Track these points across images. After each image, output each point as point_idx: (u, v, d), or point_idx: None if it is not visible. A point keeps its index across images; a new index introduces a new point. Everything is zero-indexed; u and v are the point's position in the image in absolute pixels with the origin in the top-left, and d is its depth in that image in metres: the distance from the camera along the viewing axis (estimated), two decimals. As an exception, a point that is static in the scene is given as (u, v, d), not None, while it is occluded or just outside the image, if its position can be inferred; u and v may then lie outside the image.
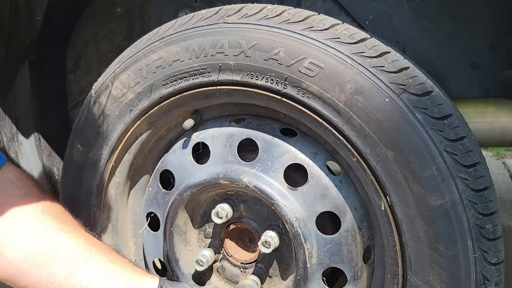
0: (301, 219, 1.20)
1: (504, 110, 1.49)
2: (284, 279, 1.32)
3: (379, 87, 1.05)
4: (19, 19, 1.55)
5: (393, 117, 1.05)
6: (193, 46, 1.22)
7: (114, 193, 1.45)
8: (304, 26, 1.13)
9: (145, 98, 1.31)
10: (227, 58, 1.18)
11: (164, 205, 1.39)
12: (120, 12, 1.68)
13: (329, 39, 1.10)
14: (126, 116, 1.34)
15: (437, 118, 1.04)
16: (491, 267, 1.05)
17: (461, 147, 1.04)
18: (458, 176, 1.03)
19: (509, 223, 2.73)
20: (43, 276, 1.17)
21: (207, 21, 1.22)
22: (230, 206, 1.31)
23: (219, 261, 1.40)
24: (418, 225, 1.05)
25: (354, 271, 1.21)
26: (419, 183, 1.04)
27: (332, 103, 1.09)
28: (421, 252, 1.06)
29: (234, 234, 1.36)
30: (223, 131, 1.30)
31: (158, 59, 1.27)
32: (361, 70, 1.07)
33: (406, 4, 1.41)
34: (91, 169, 1.41)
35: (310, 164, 1.22)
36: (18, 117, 1.64)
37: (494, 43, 1.39)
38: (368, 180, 1.12)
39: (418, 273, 1.08)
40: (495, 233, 1.05)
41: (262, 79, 1.16)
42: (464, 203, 1.02)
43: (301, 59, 1.10)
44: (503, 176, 3.52)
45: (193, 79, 1.24)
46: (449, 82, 1.43)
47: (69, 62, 1.78)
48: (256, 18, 1.17)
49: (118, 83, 1.33)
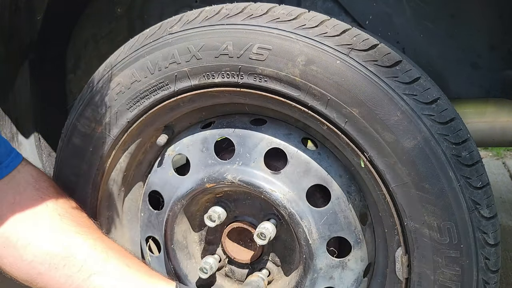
0: (291, 199, 1.22)
1: (504, 110, 1.50)
2: (292, 264, 1.33)
3: (327, 52, 1.10)
4: (19, 19, 1.55)
5: (348, 76, 1.08)
6: (146, 64, 1.25)
7: (109, 227, 1.46)
8: (243, 17, 1.17)
9: (113, 126, 1.33)
10: (180, 66, 1.22)
11: (160, 226, 1.40)
12: (120, 12, 1.69)
13: (270, 21, 1.14)
14: (100, 149, 1.36)
15: (388, 66, 1.09)
16: (478, 191, 1.08)
17: (418, 87, 1.08)
18: (423, 114, 1.06)
19: (509, 223, 2.73)
20: (61, 278, 1.19)
21: (153, 37, 1.26)
22: (222, 208, 1.33)
23: (226, 266, 1.41)
24: (400, 170, 1.09)
25: (355, 235, 1.23)
26: (390, 131, 1.07)
27: (289, 79, 1.13)
28: (410, 196, 1.09)
29: (234, 236, 1.37)
30: (197, 137, 1.33)
31: (116, 85, 1.30)
32: (306, 41, 1.11)
33: (406, 4, 1.43)
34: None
35: (286, 146, 1.25)
36: (18, 117, 1.64)
37: (494, 43, 1.41)
38: (343, 143, 1.15)
39: (413, 217, 1.11)
40: (473, 159, 1.08)
41: (218, 76, 1.19)
42: (435, 137, 1.06)
43: (249, 46, 1.14)
44: (503, 176, 3.52)
45: (154, 95, 1.27)
46: (449, 82, 1.45)
47: (69, 62, 1.78)
48: (198, 21, 1.21)
49: (84, 119, 1.35)
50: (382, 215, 1.20)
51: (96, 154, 1.36)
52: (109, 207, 1.45)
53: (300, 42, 1.11)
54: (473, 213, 1.07)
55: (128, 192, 1.48)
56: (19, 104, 1.65)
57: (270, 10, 1.17)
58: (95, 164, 1.37)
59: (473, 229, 1.07)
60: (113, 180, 1.42)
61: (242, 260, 1.36)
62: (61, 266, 1.20)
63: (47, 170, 1.74)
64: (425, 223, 1.10)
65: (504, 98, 1.47)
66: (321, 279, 1.25)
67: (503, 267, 1.68)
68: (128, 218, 1.50)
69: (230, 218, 1.35)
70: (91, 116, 1.34)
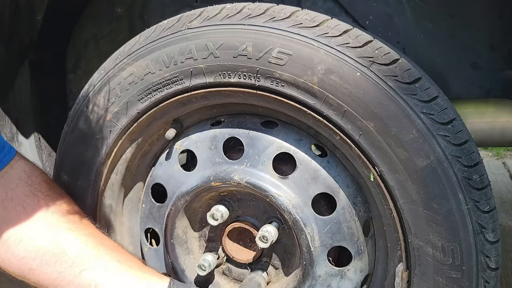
0: (297, 205, 1.22)
1: (504, 110, 1.50)
2: (291, 268, 1.33)
3: (348, 63, 1.09)
4: (19, 19, 1.55)
5: (367, 89, 1.08)
6: (161, 57, 1.23)
7: (108, 216, 1.45)
8: (266, 18, 1.15)
9: (123, 116, 1.31)
10: (197, 62, 1.20)
11: (161, 219, 1.39)
12: (120, 12, 1.68)
13: (292, 26, 1.13)
14: (107, 138, 1.34)
15: (408, 83, 1.08)
16: (485, 215, 1.08)
17: (436, 106, 1.08)
18: (438, 134, 1.06)
19: (509, 223, 2.72)
20: (53, 273, 1.20)
21: (171, 30, 1.24)
22: (225, 207, 1.32)
23: (224, 264, 1.41)
24: (410, 188, 1.09)
25: (357, 246, 1.24)
26: (403, 148, 1.07)
27: (307, 86, 1.12)
28: (417, 214, 1.10)
29: (234, 235, 1.36)
30: (206, 134, 1.31)
31: (129, 75, 1.28)
32: (328, 50, 1.10)
33: (406, 4, 1.43)
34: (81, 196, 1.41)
35: (296, 151, 1.24)
36: (18, 117, 1.64)
37: (494, 43, 1.41)
38: (354, 154, 1.14)
39: (418, 234, 1.11)
40: (483, 182, 1.09)
41: (235, 76, 1.18)
42: (448, 158, 1.06)
43: (269, 50, 1.13)
44: (503, 176, 3.51)
45: (167, 89, 1.25)
46: (449, 82, 1.45)
47: (69, 62, 1.78)
48: (218, 19, 1.19)
49: (93, 106, 1.33)
50: (386, 229, 1.20)
51: (102, 142, 1.35)
52: (110, 196, 1.44)
53: (321, 50, 1.10)
54: (478, 237, 1.08)
55: (130, 182, 1.46)
56: (19, 104, 1.65)
57: (293, 14, 1.15)
58: (100, 152, 1.36)
59: (476, 252, 1.08)
60: (117, 169, 1.41)
61: (241, 260, 1.36)
62: (52, 262, 1.20)
63: (47, 170, 1.74)
64: (429, 242, 1.10)
65: (504, 98, 1.47)
66: (319, 286, 1.26)
67: (503, 267, 1.69)
68: (128, 208, 1.49)
69: (232, 217, 1.35)
70: (100, 103, 1.32)
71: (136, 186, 1.48)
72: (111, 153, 1.36)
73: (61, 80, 1.80)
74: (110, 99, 1.31)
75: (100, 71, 1.35)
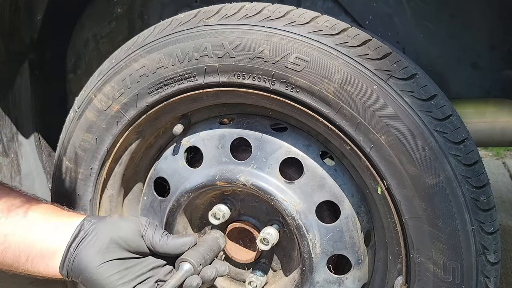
0: (301, 211, 1.22)
1: (504, 110, 1.50)
2: (289, 272, 1.34)
3: (366, 75, 1.08)
4: (19, 19, 1.54)
5: (382, 102, 1.07)
6: (175, 51, 1.21)
7: (108, 206, 1.44)
8: (285, 22, 1.13)
9: (131, 108, 1.30)
10: (212, 60, 1.18)
11: (161, 213, 1.39)
12: (120, 12, 1.68)
13: (312, 32, 1.11)
14: (113, 128, 1.33)
15: (424, 99, 1.07)
16: (489, 236, 1.09)
17: (450, 125, 1.08)
18: (450, 153, 1.06)
19: (509, 223, 2.73)
20: None
21: (187, 25, 1.22)
22: (227, 206, 1.32)
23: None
24: (417, 204, 1.09)
25: (357, 256, 1.24)
26: (414, 164, 1.07)
27: (322, 95, 1.11)
28: (422, 230, 1.10)
29: (234, 235, 1.36)
30: (214, 133, 1.30)
31: (141, 67, 1.26)
32: (346, 60, 1.09)
33: (406, 4, 1.42)
34: (82, 184, 1.40)
35: (304, 157, 1.24)
36: (18, 117, 1.63)
37: (494, 43, 1.41)
38: (363, 166, 1.14)
39: (420, 250, 1.12)
40: (489, 204, 1.09)
41: (249, 78, 1.16)
42: (458, 178, 1.06)
43: (287, 54, 1.11)
44: (503, 176, 3.52)
45: (179, 85, 1.24)
46: (449, 82, 1.44)
47: (69, 62, 1.77)
48: (237, 18, 1.17)
49: (101, 95, 1.31)
50: (388, 241, 1.21)
51: (108, 132, 1.33)
52: (112, 185, 1.43)
53: (340, 60, 1.09)
54: (480, 257, 1.08)
55: (133, 174, 1.45)
56: (19, 104, 1.64)
57: (313, 20, 1.14)
58: (105, 141, 1.34)
59: (477, 272, 1.09)
60: (121, 159, 1.39)
61: (240, 260, 1.36)
62: None
63: (47, 170, 1.73)
64: (431, 258, 1.11)
65: (504, 98, 1.47)
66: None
67: (503, 267, 1.70)
68: (129, 198, 1.48)
69: (233, 216, 1.35)
70: (109, 93, 1.30)
71: (139, 178, 1.47)
72: (117, 144, 1.35)
73: (61, 80, 1.80)
74: (120, 90, 1.29)
75: (111, 59, 1.32)
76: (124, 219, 1.18)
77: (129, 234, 1.13)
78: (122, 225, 1.14)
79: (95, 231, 1.12)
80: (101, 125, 1.33)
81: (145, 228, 1.15)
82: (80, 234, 1.12)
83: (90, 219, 1.15)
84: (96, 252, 1.09)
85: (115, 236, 1.11)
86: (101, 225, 1.14)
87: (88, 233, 1.12)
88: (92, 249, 1.10)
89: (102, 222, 1.14)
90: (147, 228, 1.15)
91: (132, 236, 1.13)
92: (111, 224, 1.14)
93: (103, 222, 1.14)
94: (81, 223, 1.14)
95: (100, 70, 1.34)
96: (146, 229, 1.15)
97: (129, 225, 1.15)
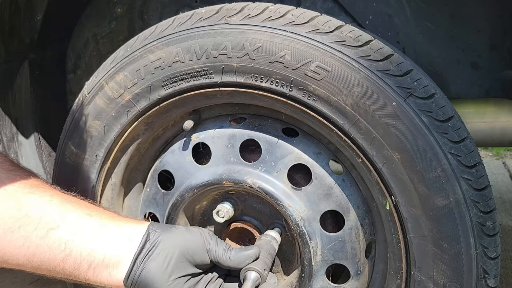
0: (306, 218, 1.22)
1: (504, 110, 1.51)
2: (287, 275, 1.34)
3: (386, 91, 1.07)
4: (19, 19, 1.53)
5: (400, 120, 1.07)
6: (194, 47, 1.19)
7: (110, 195, 1.43)
8: (309, 29, 1.12)
9: (143, 99, 1.28)
10: (231, 60, 1.17)
11: (164, 206, 1.38)
12: (120, 12, 1.67)
13: (335, 42, 1.10)
14: (123, 117, 1.31)
15: (441, 120, 1.07)
16: (491, 261, 1.10)
17: (464, 148, 1.08)
18: (462, 176, 1.06)
19: (509, 223, 2.74)
20: (19, 241, 1.08)
21: (208, 21, 1.20)
22: (231, 205, 1.32)
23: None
24: (423, 224, 1.09)
25: (357, 267, 1.25)
26: (425, 184, 1.07)
27: (339, 106, 1.10)
28: (426, 250, 1.11)
29: (235, 234, 1.36)
30: (224, 131, 1.29)
31: (156, 59, 1.23)
32: (368, 74, 1.08)
33: (406, 4, 1.42)
34: (86, 170, 1.38)
35: (314, 164, 1.23)
36: (18, 117, 1.62)
37: (494, 43, 1.41)
38: (373, 180, 1.14)
39: (422, 269, 1.12)
40: (495, 230, 1.10)
41: (267, 81, 1.15)
42: (467, 202, 1.06)
43: (308, 62, 1.10)
44: (503, 176, 3.52)
45: (194, 81, 1.22)
46: (449, 82, 1.45)
47: (69, 62, 1.76)
48: (260, 19, 1.16)
49: (113, 83, 1.29)
50: (389, 256, 1.21)
51: (117, 121, 1.31)
52: (116, 174, 1.41)
53: (361, 73, 1.08)
54: (480, 281, 1.10)
55: (137, 163, 1.44)
56: (19, 104, 1.63)
57: (338, 29, 1.12)
58: (113, 130, 1.32)
59: (476, 295, 1.10)
60: (127, 148, 1.38)
61: (239, 259, 1.36)
62: (16, 228, 1.08)
63: (47, 170, 1.71)
64: (432, 278, 1.12)
65: (504, 98, 1.48)
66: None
67: (503, 267, 1.71)
68: (132, 188, 1.47)
69: (235, 215, 1.34)
70: (122, 81, 1.28)
71: (143, 168, 1.45)
72: (124, 133, 1.33)
73: (61, 80, 1.78)
74: (133, 80, 1.27)
75: (126, 48, 1.30)
76: (189, 230, 1.15)
77: (195, 248, 1.11)
78: (188, 237, 1.12)
79: (162, 243, 1.09)
80: (110, 113, 1.31)
81: (209, 241, 1.14)
82: (146, 246, 1.09)
83: (155, 229, 1.12)
84: (165, 268, 1.07)
85: (183, 250, 1.10)
86: (168, 236, 1.11)
87: (155, 245, 1.09)
88: (160, 263, 1.07)
89: (169, 233, 1.12)
90: (211, 241, 1.14)
91: (198, 250, 1.11)
92: (178, 236, 1.12)
93: (170, 234, 1.12)
94: (146, 233, 1.11)
95: (113, 57, 1.32)
96: (210, 242, 1.14)
97: (195, 238, 1.13)
